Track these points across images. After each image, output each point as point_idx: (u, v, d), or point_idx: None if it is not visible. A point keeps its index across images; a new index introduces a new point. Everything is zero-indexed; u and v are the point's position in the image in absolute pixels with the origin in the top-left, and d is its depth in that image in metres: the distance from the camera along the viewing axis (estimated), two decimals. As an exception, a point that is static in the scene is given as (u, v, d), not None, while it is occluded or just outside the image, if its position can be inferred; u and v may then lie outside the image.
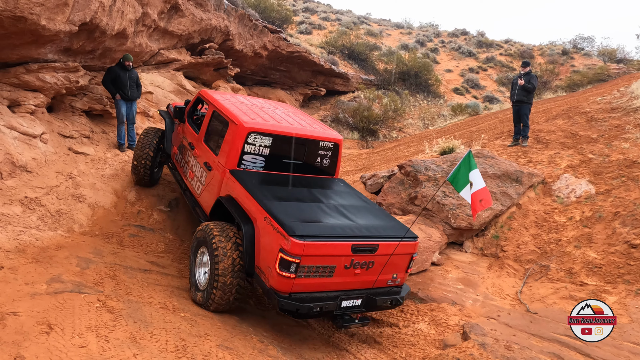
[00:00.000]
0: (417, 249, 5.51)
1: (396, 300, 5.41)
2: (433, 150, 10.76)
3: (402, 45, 37.43)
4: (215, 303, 5.17)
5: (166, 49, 12.16)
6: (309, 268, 4.69)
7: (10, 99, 7.44)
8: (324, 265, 4.79)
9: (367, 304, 5.18)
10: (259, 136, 5.90)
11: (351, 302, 5.05)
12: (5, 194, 6.39)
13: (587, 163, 8.87)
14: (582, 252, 6.91)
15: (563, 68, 33.41)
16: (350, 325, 5.18)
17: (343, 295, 5.00)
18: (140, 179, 8.20)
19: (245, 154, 5.90)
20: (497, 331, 5.55)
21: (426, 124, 24.46)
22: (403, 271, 5.48)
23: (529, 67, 10.38)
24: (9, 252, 5.32)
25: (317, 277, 4.80)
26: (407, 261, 5.43)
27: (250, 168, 5.98)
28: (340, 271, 4.91)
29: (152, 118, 11.29)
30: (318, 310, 4.80)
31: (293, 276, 4.63)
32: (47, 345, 3.66)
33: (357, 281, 5.11)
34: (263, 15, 22.41)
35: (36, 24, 5.93)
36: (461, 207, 7.63)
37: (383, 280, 5.32)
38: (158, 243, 7.24)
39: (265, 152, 6.01)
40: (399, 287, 5.56)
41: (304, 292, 4.82)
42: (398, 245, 5.08)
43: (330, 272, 4.86)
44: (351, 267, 4.96)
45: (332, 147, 6.49)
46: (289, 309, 4.72)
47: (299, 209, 5.27)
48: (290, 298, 4.71)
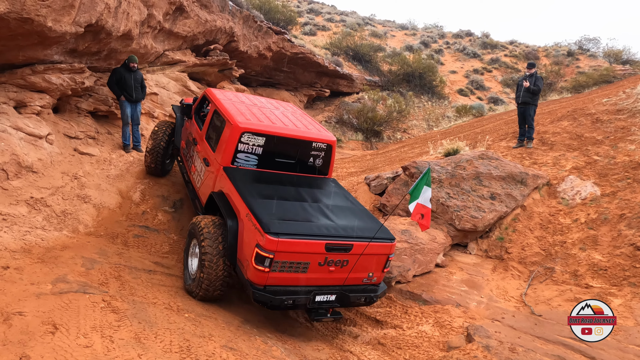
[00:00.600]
0: (393, 250, 5.68)
1: (370, 298, 5.60)
2: (437, 152, 10.74)
3: (407, 47, 37.41)
4: (203, 291, 5.44)
5: (171, 50, 12.20)
6: (283, 263, 4.97)
7: (16, 100, 7.48)
8: (298, 262, 5.06)
9: (341, 300, 5.41)
10: (252, 136, 6.18)
11: (325, 297, 5.31)
12: (12, 194, 6.43)
13: (592, 165, 8.83)
14: (587, 255, 6.87)
15: (568, 69, 33.29)
16: (322, 319, 5.43)
17: (317, 291, 5.26)
18: (151, 168, 8.68)
19: (239, 152, 6.19)
20: (501, 333, 5.53)
21: (430, 125, 24.42)
22: (379, 271, 5.67)
23: (534, 69, 10.34)
24: (14, 252, 5.35)
25: (291, 272, 5.07)
26: (383, 261, 5.63)
27: (244, 166, 6.27)
28: (315, 268, 5.18)
29: (156, 119, 11.32)
30: (290, 303, 5.09)
31: (267, 270, 4.91)
32: (53, 345, 3.68)
33: (332, 278, 5.34)
34: (267, 16, 22.46)
35: (42, 25, 5.97)
36: (465, 209, 7.61)
37: (358, 278, 5.54)
38: (162, 244, 7.26)
39: (258, 151, 6.29)
40: (375, 285, 5.76)
41: (279, 285, 5.09)
42: (367, 245, 5.27)
43: (304, 268, 5.13)
44: (325, 264, 5.21)
45: (325, 148, 6.70)
46: (262, 301, 5.00)
47: (282, 207, 5.50)
48: (264, 290, 5.00)
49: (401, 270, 6.81)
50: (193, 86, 13.40)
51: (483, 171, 8.32)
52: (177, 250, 7.25)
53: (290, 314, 6.33)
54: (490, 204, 7.80)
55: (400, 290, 6.73)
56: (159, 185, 8.89)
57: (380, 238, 5.48)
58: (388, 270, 5.94)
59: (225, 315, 5.40)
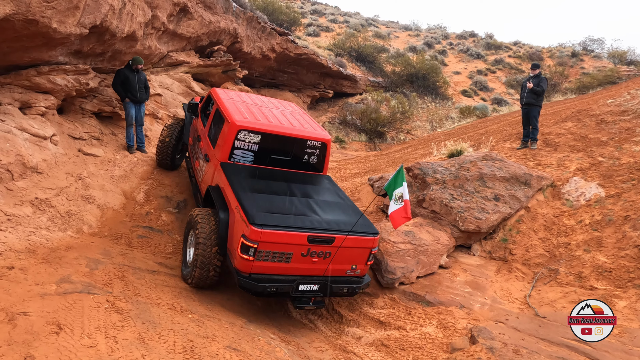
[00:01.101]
0: (376, 244, 5.94)
1: (352, 289, 5.88)
2: (441, 153, 10.72)
3: (410, 47, 37.38)
4: (196, 278, 5.83)
5: (175, 52, 12.24)
6: (267, 253, 5.30)
7: (21, 101, 7.52)
8: (281, 252, 5.37)
9: (323, 290, 5.70)
10: (248, 133, 6.51)
11: (308, 286, 5.63)
12: (16, 194, 6.45)
13: (596, 166, 8.80)
14: (591, 256, 6.85)
15: (572, 70, 33.17)
16: (304, 307, 5.78)
17: (300, 280, 5.57)
18: (161, 161, 9.19)
19: (236, 149, 6.54)
20: (505, 335, 5.51)
21: (434, 126, 24.38)
22: (363, 263, 5.93)
23: (538, 70, 10.30)
24: (19, 253, 5.37)
25: (274, 261, 5.39)
26: (367, 254, 5.89)
27: (240, 162, 6.61)
28: (298, 258, 5.48)
29: (160, 120, 11.36)
30: (274, 290, 5.42)
31: (252, 259, 5.26)
32: (57, 345, 3.70)
33: (315, 268, 5.64)
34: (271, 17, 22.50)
35: (47, 26, 6.00)
36: (469, 210, 7.59)
37: (342, 269, 5.82)
38: (166, 244, 7.28)
39: (254, 148, 6.63)
40: (359, 277, 6.02)
41: (263, 273, 5.40)
42: (345, 238, 5.53)
43: (287, 258, 5.44)
44: (308, 255, 5.51)
45: (320, 146, 6.99)
46: (246, 287, 5.35)
47: (270, 200, 5.80)
48: (249, 278, 5.33)
49: (404, 272, 6.80)
50: (197, 87, 13.43)
51: (487, 172, 8.30)
52: (181, 251, 7.27)
53: (294, 315, 6.33)
54: (494, 205, 7.78)
55: (403, 292, 6.72)
56: (162, 186, 8.91)
57: (363, 232, 5.75)
58: (372, 263, 6.19)
59: (229, 316, 5.41)
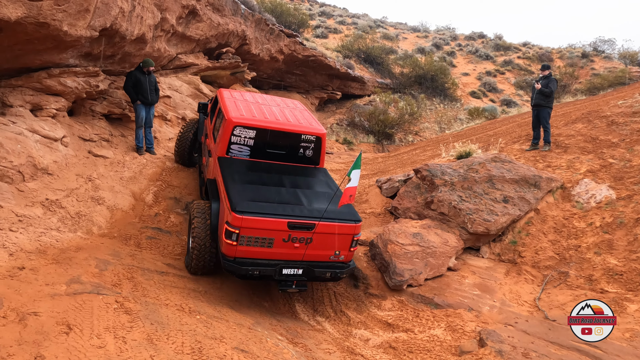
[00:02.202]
0: (358, 230, 6.09)
1: (335, 274, 6.08)
2: (449, 155, 10.68)
3: (419, 49, 37.28)
4: (193, 266, 6.27)
5: (184, 54, 12.31)
6: (249, 238, 5.60)
7: (32, 103, 7.61)
8: (263, 237, 5.66)
9: (307, 274, 5.96)
10: (244, 129, 6.83)
11: (292, 270, 5.89)
12: (27, 196, 6.52)
13: (607, 168, 8.71)
14: (602, 259, 6.77)
15: (583, 71, 32.87)
16: (287, 289, 6.03)
17: (284, 265, 5.84)
18: (179, 157, 9.71)
19: (233, 144, 6.87)
20: (514, 338, 5.47)
21: (442, 127, 24.28)
22: (346, 249, 6.12)
23: (548, 71, 10.19)
24: (30, 253, 5.42)
25: (257, 246, 5.68)
26: (349, 241, 6.06)
27: (237, 156, 6.94)
28: (280, 243, 5.74)
29: (169, 121, 11.42)
30: (257, 273, 5.72)
31: (235, 244, 5.58)
32: (67, 346, 3.72)
33: (298, 254, 5.88)
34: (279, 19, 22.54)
35: (58, 29, 6.07)
36: (478, 212, 7.55)
37: (325, 255, 6.04)
38: (175, 245, 7.31)
39: (250, 143, 6.93)
40: (343, 263, 6.20)
41: (247, 258, 5.71)
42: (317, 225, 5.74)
43: (269, 243, 5.71)
44: (289, 241, 5.76)
45: (315, 140, 7.23)
46: (231, 270, 5.69)
47: (257, 190, 6.10)
48: (234, 262, 5.66)
49: (413, 274, 6.78)
50: (205, 89, 13.49)
51: (496, 174, 8.25)
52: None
53: (302, 316, 6.33)
54: (503, 207, 7.72)
55: (411, 294, 6.69)
56: (171, 187, 8.96)
57: (344, 219, 5.99)
58: (356, 249, 6.40)
59: (237, 317, 5.42)
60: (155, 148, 10.02)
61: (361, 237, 7.97)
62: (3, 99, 7.28)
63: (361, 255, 7.53)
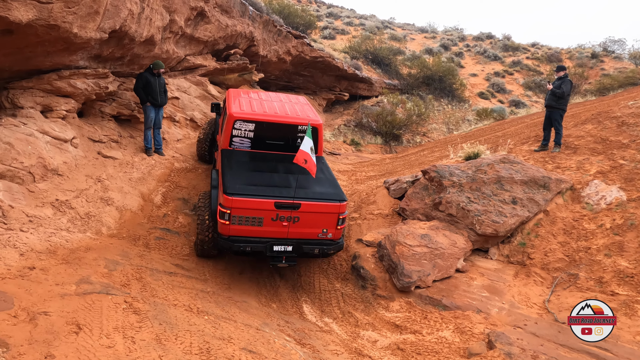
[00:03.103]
0: (343, 209, 6.58)
1: (323, 250, 6.58)
2: (457, 156, 10.63)
3: (426, 50, 37.18)
4: (198, 249, 6.97)
5: (192, 55, 12.36)
6: (240, 218, 6.21)
7: (43, 105, 7.68)
8: (252, 217, 6.26)
9: (296, 250, 6.51)
10: (243, 122, 7.33)
11: (282, 247, 6.46)
12: (38, 196, 6.58)
13: (617, 169, 8.62)
14: (612, 261, 6.71)
15: (592, 72, 32.60)
16: (277, 264, 6.56)
17: (274, 242, 6.40)
18: (200, 156, 10.28)
19: (234, 137, 7.39)
20: (523, 341, 5.43)
21: (450, 128, 24.18)
22: (333, 227, 6.58)
23: (563, 72, 10.01)
24: (40, 253, 5.47)
25: (248, 225, 6.27)
26: (335, 219, 6.55)
27: (239, 148, 7.46)
28: (269, 222, 6.31)
29: (178, 123, 11.48)
30: (248, 249, 6.32)
31: (228, 223, 6.19)
32: (76, 345, 3.75)
33: (287, 232, 6.43)
34: (287, 20, 22.57)
35: (68, 31, 6.13)
36: (486, 214, 7.51)
37: (313, 233, 6.54)
38: (183, 246, 7.34)
39: (250, 135, 7.44)
40: (332, 240, 6.66)
41: (239, 236, 6.29)
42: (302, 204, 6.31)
43: (259, 222, 6.30)
44: (278, 220, 6.32)
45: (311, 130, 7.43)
46: (225, 247, 6.34)
47: (252, 176, 6.66)
48: (228, 239, 6.29)
49: (421, 275, 6.75)
50: (214, 90, 13.54)
51: (504, 175, 8.20)
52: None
53: (310, 317, 6.33)
54: (511, 208, 7.67)
55: (419, 295, 6.67)
56: (179, 188, 9.00)
57: (329, 199, 6.53)
58: (344, 227, 6.86)
59: (245, 318, 5.43)
60: (164, 149, 10.07)
61: (369, 238, 7.96)
62: (14, 100, 7.35)
63: (369, 256, 7.52)
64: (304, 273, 7.43)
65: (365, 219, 8.74)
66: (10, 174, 6.44)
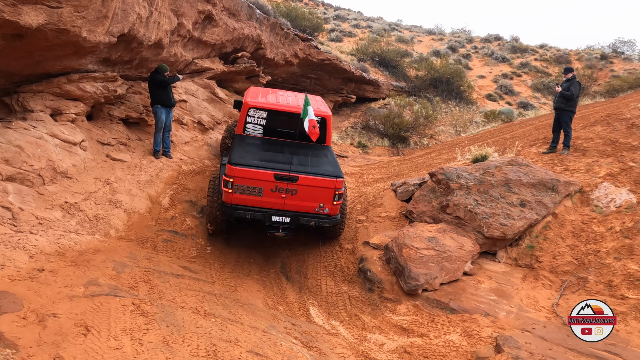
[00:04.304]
0: (340, 185, 7.04)
1: (318, 223, 7.12)
2: (465, 158, 10.58)
3: (434, 52, 37.06)
4: (209, 222, 7.57)
5: (200, 58, 12.43)
6: (242, 187, 6.80)
7: (52, 108, 7.76)
8: (253, 187, 6.82)
9: (294, 222, 7.05)
10: (257, 110, 7.96)
11: (280, 218, 6.99)
12: (47, 199, 6.65)
13: (627, 171, 8.54)
14: (622, 264, 6.64)
15: (602, 73, 32.34)
16: (274, 232, 7.06)
17: (273, 212, 6.94)
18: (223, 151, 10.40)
19: (248, 124, 8.02)
20: (532, 344, 5.39)
21: (458, 130, 24.09)
22: (329, 202, 7.06)
23: (571, 74, 9.95)
24: (49, 255, 5.52)
25: (249, 194, 6.85)
26: (331, 194, 7.02)
27: (252, 134, 8.06)
28: (268, 193, 6.87)
29: (185, 125, 11.53)
30: (249, 217, 6.89)
31: (230, 191, 6.80)
32: (85, 347, 3.78)
33: (285, 204, 6.97)
34: (294, 23, 22.61)
35: (78, 35, 6.19)
36: (494, 216, 7.47)
37: (310, 207, 7.05)
38: (190, 248, 7.37)
39: (262, 123, 8.05)
40: (328, 215, 7.15)
41: (241, 205, 6.88)
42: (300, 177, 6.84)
43: (259, 192, 6.85)
44: (277, 191, 6.87)
45: (320, 121, 8.03)
46: (227, 213, 6.95)
47: (257, 152, 7.25)
48: (230, 207, 6.88)
49: (428, 278, 6.73)
50: (221, 93, 13.60)
51: (512, 178, 8.15)
52: (205, 254, 7.36)
53: (316, 320, 6.32)
54: (520, 211, 7.63)
55: (427, 298, 6.64)
56: (187, 190, 9.05)
57: (325, 174, 7.01)
58: (340, 203, 7.24)
59: (251, 320, 5.44)
60: (172, 152, 10.12)
61: (376, 240, 7.95)
62: (24, 104, 7.44)
63: (376, 259, 7.51)
64: (310, 276, 7.43)
65: (372, 222, 8.73)
66: (20, 176, 6.51)
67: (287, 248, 8.13)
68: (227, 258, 7.44)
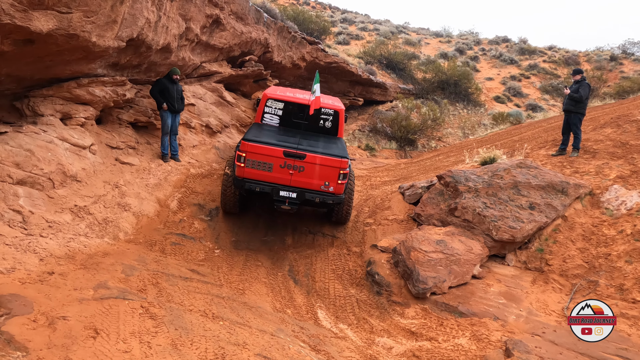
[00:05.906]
0: (345, 165, 7.49)
1: (323, 199, 7.56)
2: (473, 161, 10.53)
3: (441, 54, 37.00)
4: (223, 202, 8.31)
5: (208, 62, 12.49)
6: (253, 162, 7.40)
7: (62, 112, 7.83)
8: (264, 162, 7.40)
9: (300, 197, 7.56)
10: (274, 102, 8.73)
11: (287, 193, 7.53)
12: (57, 202, 6.70)
13: (638, 174, 8.45)
14: (633, 268, 6.56)
15: (611, 74, 32.10)
16: (281, 206, 7.58)
17: (281, 187, 7.50)
18: None
19: (265, 114, 8.80)
20: (542, 349, 5.33)
21: (466, 133, 24.00)
22: (334, 181, 7.54)
23: (579, 75, 9.89)
24: (59, 259, 5.56)
25: (259, 169, 7.43)
26: (336, 174, 7.51)
27: (269, 123, 8.82)
28: (277, 169, 7.43)
29: (193, 129, 11.59)
30: (258, 190, 7.46)
31: (243, 165, 7.41)
32: (94, 350, 3.80)
33: (293, 180, 7.50)
34: (301, 27, 22.70)
35: (87, 40, 6.24)
36: (503, 219, 7.42)
37: (316, 184, 7.55)
38: (198, 251, 7.39)
39: (279, 113, 8.80)
40: (333, 194, 7.63)
41: (252, 179, 7.48)
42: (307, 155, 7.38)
43: (269, 168, 7.43)
44: (285, 167, 7.42)
45: (333, 114, 8.84)
46: (238, 185, 7.54)
47: (271, 134, 7.93)
48: (242, 181, 7.49)
49: (436, 282, 6.69)
50: (229, 97, 13.65)
51: (521, 180, 8.09)
52: (213, 257, 7.37)
53: (324, 323, 6.31)
54: (529, 214, 7.57)
55: (435, 302, 6.60)
56: (195, 194, 9.08)
57: (331, 154, 7.48)
58: (345, 182, 7.68)
59: (259, 323, 5.44)
60: (180, 155, 10.18)
61: (384, 243, 7.92)
62: (34, 108, 7.51)
63: (384, 262, 7.48)
64: (318, 279, 7.42)
65: (380, 225, 8.70)
66: (30, 180, 6.57)
67: (295, 251, 8.13)
68: (235, 261, 7.45)
